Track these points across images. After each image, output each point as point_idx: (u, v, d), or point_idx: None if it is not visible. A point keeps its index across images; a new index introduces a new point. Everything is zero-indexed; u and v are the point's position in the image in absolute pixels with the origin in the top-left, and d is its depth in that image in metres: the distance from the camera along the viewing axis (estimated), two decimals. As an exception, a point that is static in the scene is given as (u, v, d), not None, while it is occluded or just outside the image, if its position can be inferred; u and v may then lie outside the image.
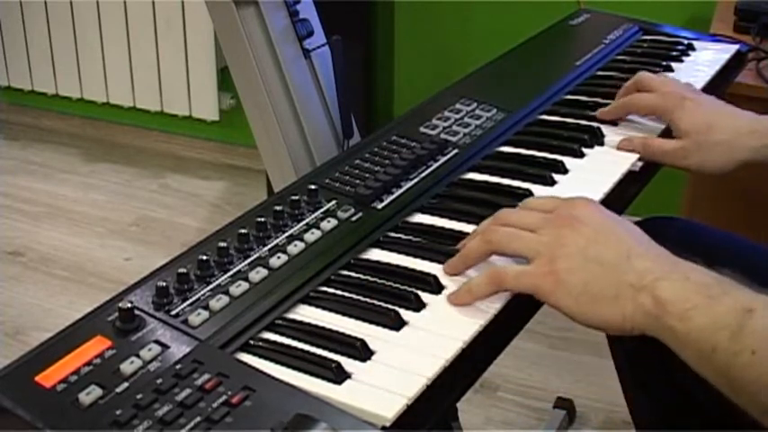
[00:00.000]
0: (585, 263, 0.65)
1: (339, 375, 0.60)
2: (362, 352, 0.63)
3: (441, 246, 0.76)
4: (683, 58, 1.21)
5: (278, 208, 0.77)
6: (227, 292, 0.67)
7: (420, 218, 0.82)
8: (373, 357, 0.63)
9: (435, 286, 0.71)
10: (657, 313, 0.62)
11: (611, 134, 0.98)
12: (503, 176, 0.89)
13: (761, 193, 1.60)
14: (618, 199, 0.88)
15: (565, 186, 0.88)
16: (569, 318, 0.66)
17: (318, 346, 0.64)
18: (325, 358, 0.62)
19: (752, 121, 0.95)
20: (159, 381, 0.57)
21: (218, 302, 0.66)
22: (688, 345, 0.61)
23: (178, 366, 0.59)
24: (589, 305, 0.64)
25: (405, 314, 0.67)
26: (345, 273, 0.73)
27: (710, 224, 1.13)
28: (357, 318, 0.67)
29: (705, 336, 0.59)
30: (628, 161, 0.93)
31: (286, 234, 0.75)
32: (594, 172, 0.91)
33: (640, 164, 0.94)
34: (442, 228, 0.79)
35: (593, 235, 0.67)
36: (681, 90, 0.99)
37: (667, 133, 0.98)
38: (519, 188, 0.86)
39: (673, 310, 0.61)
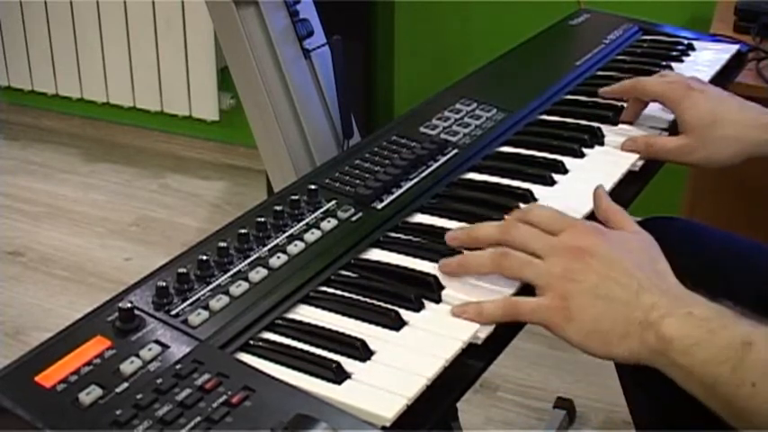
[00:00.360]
0: (596, 300, 0.66)
1: (339, 375, 0.60)
2: (362, 352, 0.63)
3: (441, 246, 0.76)
4: (683, 58, 1.21)
5: (278, 208, 0.76)
6: (227, 292, 0.67)
7: (420, 218, 0.82)
8: (373, 357, 0.63)
9: (435, 286, 0.71)
10: (662, 349, 0.63)
11: (612, 134, 0.98)
12: (503, 176, 0.89)
13: (761, 192, 1.60)
14: (618, 199, 0.87)
15: (565, 186, 0.88)
16: (581, 350, 0.67)
17: (318, 346, 0.64)
18: (325, 358, 0.62)
19: (759, 114, 0.94)
20: (159, 381, 0.57)
21: (218, 302, 0.66)
22: (693, 379, 0.62)
23: (178, 366, 0.59)
24: (599, 342, 0.66)
25: (405, 314, 0.67)
26: (345, 273, 0.73)
27: (711, 224, 1.13)
28: (357, 318, 0.67)
29: (707, 370, 0.61)
30: (628, 161, 0.92)
31: (286, 234, 0.75)
32: (595, 172, 0.91)
33: (640, 164, 0.94)
34: (442, 228, 0.79)
35: (603, 271, 0.68)
36: (686, 80, 0.98)
37: (670, 132, 0.98)
38: (519, 188, 0.86)
39: (676, 347, 0.63)
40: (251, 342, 0.64)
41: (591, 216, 0.82)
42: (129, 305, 0.63)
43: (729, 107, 0.95)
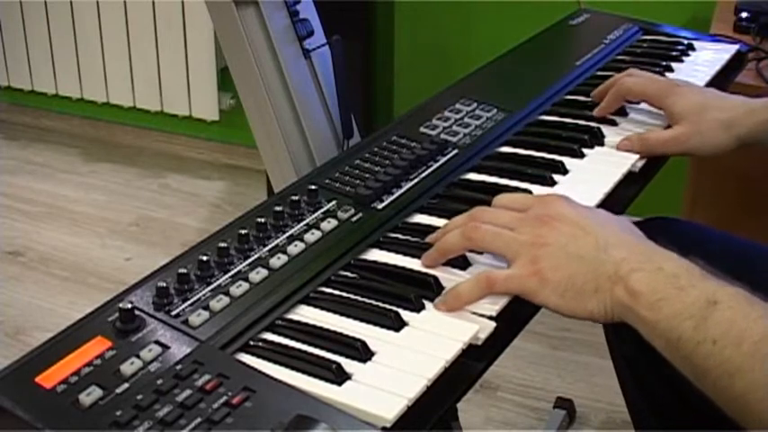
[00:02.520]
0: (567, 259, 0.68)
1: (339, 376, 0.60)
2: (363, 353, 0.63)
3: (441, 246, 0.76)
4: (683, 58, 1.21)
5: (278, 208, 0.76)
6: (227, 293, 0.67)
7: (420, 218, 0.82)
8: (373, 358, 0.63)
9: (435, 287, 0.71)
10: (631, 304, 0.65)
11: (611, 134, 0.98)
12: (503, 177, 0.89)
13: (761, 193, 1.60)
14: (618, 199, 0.88)
15: (565, 186, 0.88)
16: (557, 313, 0.68)
17: (319, 346, 0.64)
18: (325, 359, 0.62)
19: (746, 101, 0.97)
20: (159, 381, 0.57)
21: (219, 303, 0.66)
22: (657, 334, 0.64)
23: (178, 367, 0.59)
24: (575, 300, 0.67)
25: (405, 315, 0.67)
26: (345, 273, 0.73)
27: (711, 224, 1.13)
28: (357, 318, 0.67)
29: (672, 325, 0.62)
30: (628, 161, 0.93)
31: (286, 234, 0.75)
32: (594, 172, 0.91)
33: (640, 164, 0.94)
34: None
35: (570, 231, 0.69)
36: (670, 80, 1.02)
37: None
38: (519, 188, 0.86)
39: (644, 301, 0.64)
40: (251, 343, 0.64)
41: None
42: (129, 305, 0.63)
43: (716, 95, 0.98)
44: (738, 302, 0.62)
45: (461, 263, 0.74)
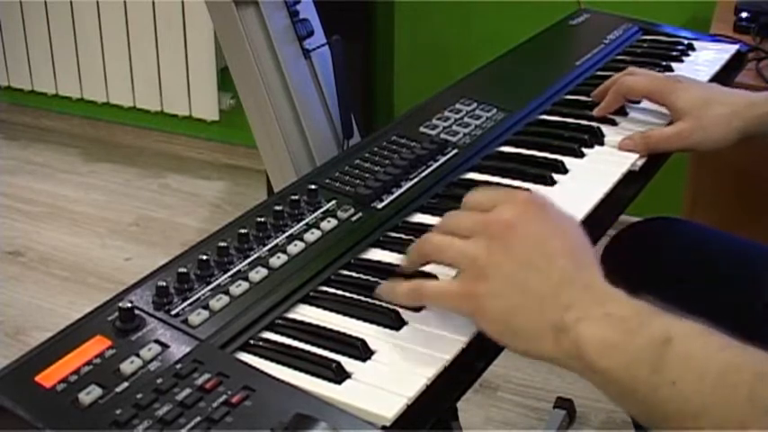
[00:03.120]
0: (510, 290, 0.61)
1: (339, 375, 0.60)
2: (363, 352, 0.63)
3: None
4: (683, 58, 1.21)
5: (278, 208, 0.77)
6: (227, 292, 0.67)
7: (420, 218, 0.82)
8: (373, 357, 0.63)
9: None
10: (577, 354, 0.59)
11: (612, 134, 0.98)
12: (503, 176, 0.89)
13: (761, 193, 1.60)
14: (618, 199, 0.88)
15: (565, 186, 0.88)
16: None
17: (318, 345, 0.64)
18: (325, 358, 0.62)
19: (748, 94, 0.97)
20: (159, 380, 0.57)
21: (219, 302, 0.66)
22: (609, 383, 0.58)
23: (178, 366, 0.59)
24: (510, 337, 0.62)
25: (405, 314, 0.67)
26: (345, 272, 0.73)
27: (711, 224, 1.14)
28: (357, 317, 0.67)
29: (626, 373, 0.57)
30: (628, 161, 0.92)
31: (286, 234, 0.75)
32: (594, 172, 0.91)
33: (640, 163, 0.94)
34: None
35: (526, 254, 0.62)
36: (672, 76, 1.01)
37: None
38: (519, 188, 0.86)
39: (592, 351, 0.58)
40: (251, 342, 0.64)
41: (591, 217, 0.82)
42: (129, 305, 0.63)
43: (718, 90, 0.98)
44: (695, 336, 0.57)
45: None
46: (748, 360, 0.55)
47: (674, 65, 1.17)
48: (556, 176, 0.89)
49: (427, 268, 0.70)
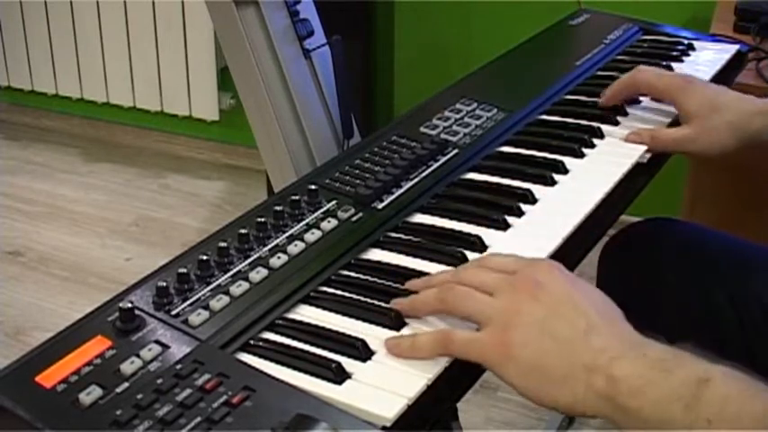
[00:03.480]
0: (540, 337, 0.60)
1: (339, 375, 0.60)
2: (363, 352, 0.63)
3: (441, 246, 0.76)
4: (683, 58, 1.21)
5: (278, 208, 0.77)
6: (227, 292, 0.67)
7: (420, 218, 0.82)
8: (373, 357, 0.63)
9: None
10: (610, 393, 0.57)
11: (612, 134, 0.98)
12: (503, 176, 0.89)
13: (761, 193, 1.60)
14: (618, 198, 0.88)
15: (565, 186, 0.88)
16: (519, 393, 0.62)
17: (319, 346, 0.64)
18: (325, 358, 0.62)
19: (757, 101, 0.96)
20: (159, 381, 0.57)
21: (219, 302, 0.66)
22: (641, 422, 0.56)
23: (178, 366, 0.59)
24: (539, 384, 0.60)
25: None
26: (345, 273, 0.73)
27: (711, 224, 1.14)
28: (357, 318, 0.67)
29: (659, 410, 0.56)
30: (636, 153, 0.93)
31: (286, 234, 0.75)
32: (594, 172, 0.91)
33: (648, 156, 0.94)
34: (442, 228, 0.79)
35: (552, 306, 0.62)
36: (682, 75, 1.01)
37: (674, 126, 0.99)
38: (519, 188, 0.86)
39: (625, 388, 0.57)
40: (251, 342, 0.64)
41: (590, 216, 0.82)
42: (129, 305, 0.63)
43: (728, 95, 0.97)
44: (734, 379, 0.56)
45: None
46: None
47: (674, 65, 1.17)
48: (556, 176, 0.89)
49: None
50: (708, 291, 0.99)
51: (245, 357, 0.63)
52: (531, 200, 0.84)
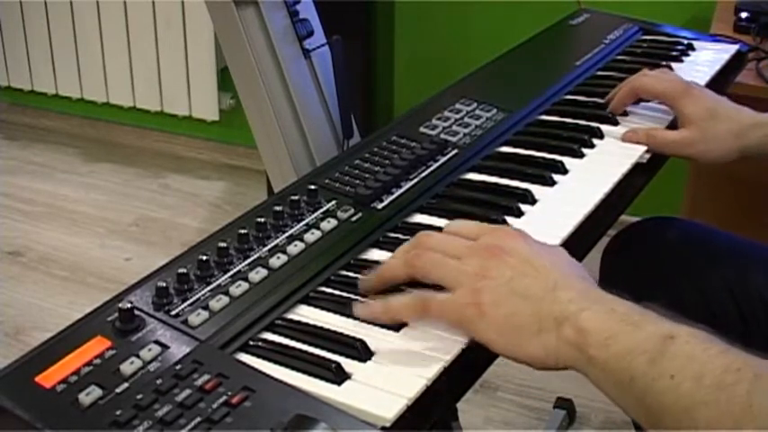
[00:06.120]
0: (510, 296, 0.63)
1: (339, 376, 0.60)
2: (362, 352, 0.63)
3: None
4: (683, 58, 1.21)
5: (278, 208, 0.76)
6: (227, 293, 0.67)
7: (420, 218, 0.82)
8: (373, 358, 0.63)
9: (436, 287, 0.70)
10: (579, 343, 0.60)
11: (612, 134, 0.98)
12: (502, 177, 0.89)
13: (761, 193, 1.60)
14: (617, 198, 0.88)
15: (565, 186, 0.88)
16: (493, 351, 0.64)
17: (318, 346, 0.64)
18: (324, 359, 0.62)
19: (754, 114, 0.97)
20: (159, 381, 0.57)
21: (218, 303, 0.66)
22: (607, 373, 0.59)
23: (178, 367, 0.59)
24: (513, 339, 0.62)
25: (405, 314, 0.67)
26: (345, 273, 0.73)
27: (711, 224, 1.14)
28: (357, 318, 0.67)
29: (624, 363, 0.58)
30: (636, 153, 0.93)
31: (286, 234, 0.75)
32: (594, 172, 0.91)
33: (647, 156, 0.94)
34: (442, 228, 0.79)
35: (519, 267, 0.64)
36: (684, 80, 1.01)
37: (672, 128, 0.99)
38: (519, 188, 0.86)
39: (593, 340, 0.59)
40: (251, 342, 0.64)
41: (590, 217, 0.82)
42: (129, 305, 0.63)
43: (727, 105, 0.98)
44: (698, 338, 0.57)
45: None
46: (748, 363, 0.55)
47: (674, 65, 1.17)
48: (556, 176, 0.89)
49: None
50: (708, 289, 1.00)
51: (245, 358, 0.63)
52: (531, 200, 0.84)
